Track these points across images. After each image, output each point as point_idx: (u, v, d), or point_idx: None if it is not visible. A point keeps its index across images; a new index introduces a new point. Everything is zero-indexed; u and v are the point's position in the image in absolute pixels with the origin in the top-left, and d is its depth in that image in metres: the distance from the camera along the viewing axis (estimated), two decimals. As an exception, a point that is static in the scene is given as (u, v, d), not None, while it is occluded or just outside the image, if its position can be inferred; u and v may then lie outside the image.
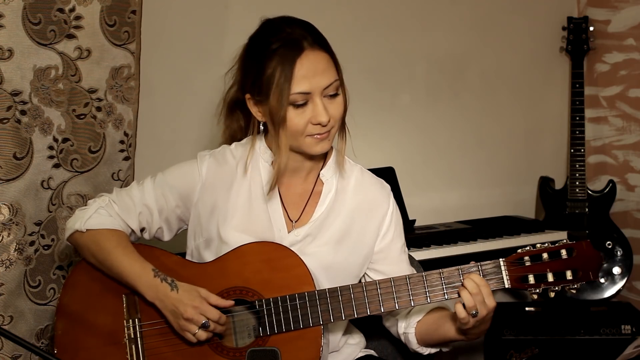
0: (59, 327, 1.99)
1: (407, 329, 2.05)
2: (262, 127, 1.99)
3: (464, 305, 1.85)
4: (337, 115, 1.91)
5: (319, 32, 1.92)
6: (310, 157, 1.99)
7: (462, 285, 1.87)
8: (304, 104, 1.87)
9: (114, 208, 2.00)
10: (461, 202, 3.38)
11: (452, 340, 1.99)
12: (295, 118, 1.87)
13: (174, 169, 2.05)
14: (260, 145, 2.02)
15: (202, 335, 1.88)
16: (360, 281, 2.05)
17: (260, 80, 1.88)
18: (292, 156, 1.96)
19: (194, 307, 1.86)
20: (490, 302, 1.85)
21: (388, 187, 2.09)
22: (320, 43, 1.90)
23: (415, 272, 2.07)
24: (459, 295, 1.86)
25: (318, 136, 1.90)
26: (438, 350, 2.06)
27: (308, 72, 1.85)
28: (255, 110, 1.95)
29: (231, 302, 1.90)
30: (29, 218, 2.22)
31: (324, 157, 2.04)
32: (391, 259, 2.05)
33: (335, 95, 1.91)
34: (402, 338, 2.08)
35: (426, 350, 2.05)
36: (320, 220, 2.00)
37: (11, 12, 2.11)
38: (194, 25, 2.80)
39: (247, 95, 1.95)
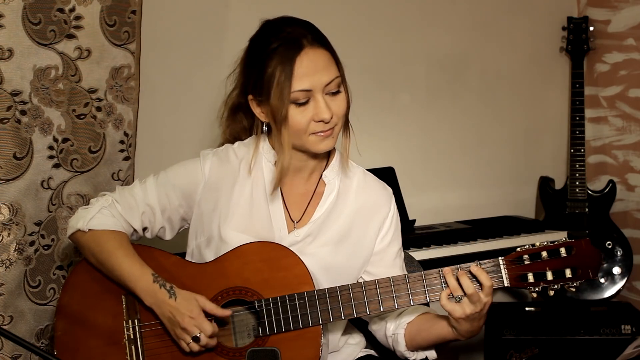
0: (59, 327, 1.99)
1: (397, 329, 2.02)
2: (265, 128, 1.99)
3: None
4: (339, 112, 1.91)
5: (319, 30, 1.92)
6: (314, 157, 1.98)
7: (459, 274, 1.86)
8: (306, 102, 1.87)
9: (117, 208, 2.00)
10: (461, 202, 3.38)
11: (443, 340, 1.96)
12: (297, 116, 1.87)
13: (176, 167, 2.04)
14: (264, 145, 2.02)
15: (195, 347, 1.87)
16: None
17: (261, 81, 1.88)
18: (296, 155, 1.96)
19: (190, 317, 1.86)
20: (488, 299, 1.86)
21: (390, 190, 2.09)
22: (320, 40, 1.89)
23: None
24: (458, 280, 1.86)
25: (322, 134, 1.90)
26: (424, 358, 2.03)
27: (308, 70, 1.85)
28: (258, 112, 1.95)
29: (228, 313, 1.90)
30: (29, 218, 2.22)
31: (327, 157, 2.04)
32: (386, 262, 2.04)
33: (337, 93, 1.90)
34: (390, 340, 2.04)
35: (412, 355, 2.02)
36: (320, 221, 2.00)
37: (11, 12, 2.11)
38: (194, 25, 2.80)
39: (250, 97, 1.94)
